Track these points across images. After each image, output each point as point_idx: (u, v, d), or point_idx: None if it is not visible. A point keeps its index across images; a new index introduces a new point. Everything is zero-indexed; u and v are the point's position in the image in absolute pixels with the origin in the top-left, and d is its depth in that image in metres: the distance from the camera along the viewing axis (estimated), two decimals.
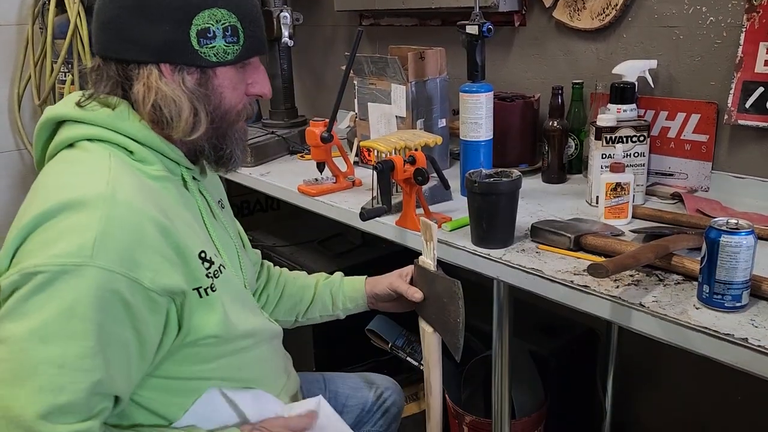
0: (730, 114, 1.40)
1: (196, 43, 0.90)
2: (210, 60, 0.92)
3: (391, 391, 1.42)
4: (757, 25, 1.34)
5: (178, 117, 0.91)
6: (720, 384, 1.60)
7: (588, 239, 1.16)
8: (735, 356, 0.86)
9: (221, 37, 0.91)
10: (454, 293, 1.10)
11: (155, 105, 0.90)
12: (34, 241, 0.81)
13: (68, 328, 0.78)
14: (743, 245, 0.90)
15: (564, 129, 1.58)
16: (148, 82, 0.90)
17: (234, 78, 0.96)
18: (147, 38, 0.89)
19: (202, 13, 0.89)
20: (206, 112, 0.94)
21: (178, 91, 0.91)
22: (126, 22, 0.89)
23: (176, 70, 0.91)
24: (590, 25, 1.63)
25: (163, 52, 0.89)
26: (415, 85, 1.64)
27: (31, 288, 0.78)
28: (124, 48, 0.90)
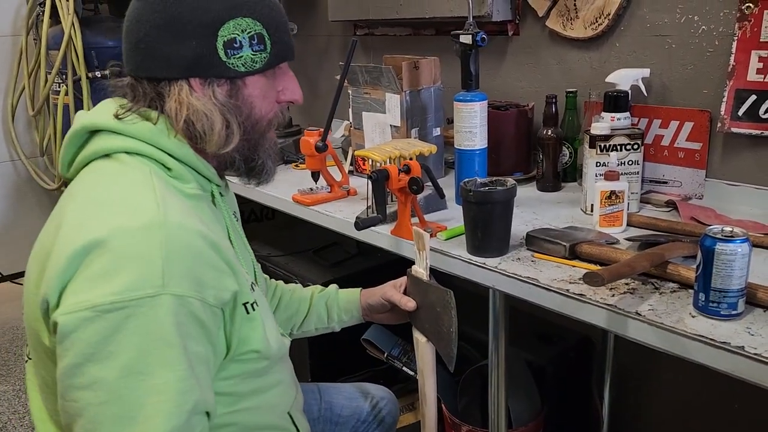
0: (723, 122, 1.40)
1: (223, 54, 0.90)
2: (238, 70, 0.91)
3: (387, 401, 1.41)
4: (748, 34, 1.35)
5: (210, 131, 0.91)
6: (717, 392, 1.59)
7: (583, 248, 1.16)
8: (731, 364, 0.86)
9: (248, 47, 0.91)
10: (447, 303, 1.10)
11: (188, 120, 0.90)
12: (92, 271, 0.77)
13: (160, 357, 0.77)
14: (738, 253, 0.90)
15: (558, 137, 1.58)
16: (179, 98, 0.90)
17: (264, 86, 0.95)
18: (176, 55, 0.89)
19: (227, 24, 0.89)
20: (238, 123, 0.93)
21: (209, 104, 0.90)
22: (155, 40, 0.89)
23: (206, 84, 0.91)
24: (583, 34, 1.64)
25: (192, 67, 0.89)
26: (409, 95, 1.65)
27: (110, 326, 0.75)
28: (155, 66, 0.90)
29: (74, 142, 0.93)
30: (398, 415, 1.45)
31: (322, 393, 1.38)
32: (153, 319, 0.76)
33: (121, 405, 0.76)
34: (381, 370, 1.99)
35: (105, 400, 0.76)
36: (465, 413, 1.72)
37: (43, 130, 3.20)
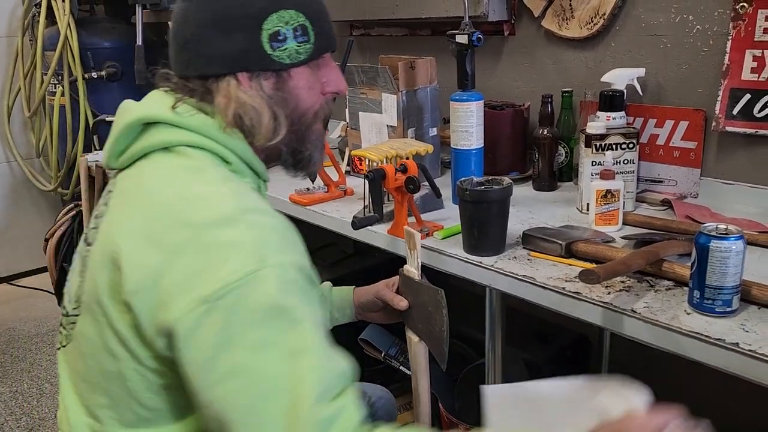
0: (718, 121, 1.41)
1: (268, 47, 0.90)
2: (284, 62, 0.91)
3: (384, 401, 1.41)
4: (743, 33, 1.36)
5: (259, 124, 0.91)
6: (712, 389, 1.60)
7: (579, 246, 1.17)
8: (726, 361, 0.86)
9: (292, 38, 0.91)
10: (438, 302, 1.10)
11: (236, 115, 0.90)
12: (192, 267, 0.77)
13: (281, 325, 0.76)
14: (733, 250, 0.91)
15: (554, 137, 1.59)
16: (227, 93, 0.90)
17: (309, 78, 0.95)
18: (222, 51, 0.89)
19: (271, 17, 0.89)
20: (285, 115, 0.93)
21: (257, 98, 0.91)
22: (202, 38, 0.90)
23: (253, 78, 0.91)
24: (579, 34, 1.64)
25: (239, 62, 0.90)
26: (405, 95, 1.65)
27: (225, 312, 0.75)
28: (203, 63, 0.90)
29: (128, 133, 0.92)
30: (395, 414, 1.45)
31: None
32: (262, 292, 0.76)
33: (266, 381, 0.75)
34: (378, 369, 2.00)
35: (249, 382, 0.75)
36: (462, 412, 1.73)
37: (39, 132, 3.20)
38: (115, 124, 0.92)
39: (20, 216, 3.47)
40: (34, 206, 3.50)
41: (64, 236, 2.45)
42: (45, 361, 2.70)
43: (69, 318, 0.93)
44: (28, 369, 2.64)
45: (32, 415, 2.33)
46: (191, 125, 0.89)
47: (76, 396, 0.94)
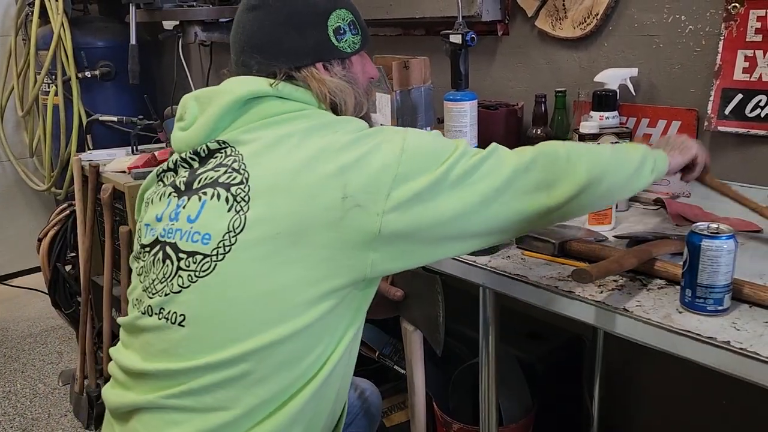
0: (710, 120, 1.42)
1: (335, 39, 1.05)
2: (346, 51, 1.06)
3: (370, 392, 1.41)
4: (734, 34, 1.36)
5: (348, 100, 1.05)
6: (705, 388, 1.61)
7: (572, 245, 1.17)
8: (717, 359, 0.87)
9: (349, 32, 1.06)
10: (434, 289, 1.12)
11: (329, 94, 1.02)
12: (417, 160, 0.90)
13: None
14: (724, 249, 0.91)
15: (547, 136, 1.59)
16: (313, 77, 1.02)
17: (361, 64, 1.10)
18: (300, 45, 1.02)
19: (332, 15, 1.05)
20: (360, 94, 1.08)
21: (338, 81, 1.04)
22: (282, 38, 1.02)
23: (327, 65, 1.05)
24: (572, 34, 1.65)
25: (315, 53, 1.03)
26: (399, 94, 1.65)
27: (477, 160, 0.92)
28: (284, 59, 1.02)
29: (234, 108, 0.98)
30: (381, 407, 1.45)
31: None
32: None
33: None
34: (372, 368, 2.00)
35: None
36: (456, 411, 1.73)
37: (33, 131, 3.19)
38: (215, 104, 0.98)
39: (13, 216, 3.45)
40: (27, 206, 3.49)
41: (57, 236, 2.44)
42: (38, 362, 2.69)
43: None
44: (21, 369, 2.64)
45: (25, 415, 2.32)
46: (299, 98, 1.00)
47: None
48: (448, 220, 0.89)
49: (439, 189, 0.89)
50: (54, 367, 2.64)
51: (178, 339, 0.93)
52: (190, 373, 0.92)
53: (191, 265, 0.93)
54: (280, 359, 0.92)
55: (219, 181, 0.95)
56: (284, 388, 0.94)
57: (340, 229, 0.88)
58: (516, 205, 0.93)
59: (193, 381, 0.92)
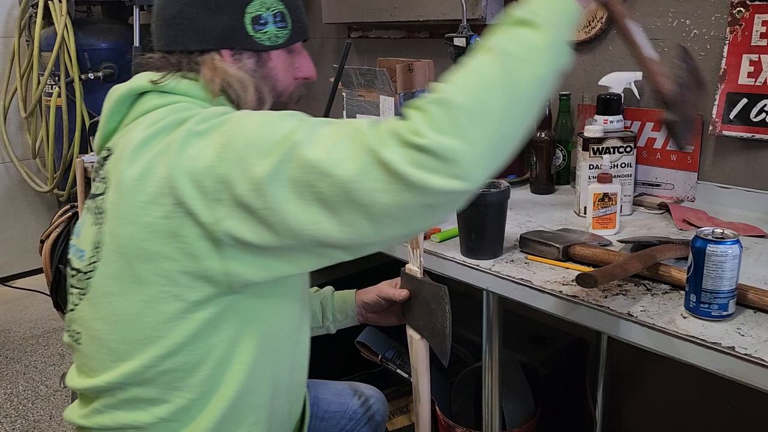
0: (715, 125, 1.41)
1: (251, 29, 0.98)
2: (264, 44, 0.99)
3: (376, 400, 1.42)
4: (739, 38, 1.36)
5: (244, 94, 0.97)
6: (709, 393, 1.60)
7: (576, 249, 1.17)
8: (722, 365, 0.86)
9: (272, 23, 0.99)
10: (441, 298, 1.11)
11: (223, 85, 0.96)
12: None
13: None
14: (729, 254, 0.91)
15: (552, 140, 1.59)
16: (213, 66, 0.96)
17: (285, 61, 1.03)
18: (209, 28, 0.96)
19: (254, 2, 0.97)
20: (267, 91, 1.00)
21: (241, 72, 0.97)
22: (189, 15, 0.96)
23: (235, 55, 0.98)
24: (576, 37, 1.65)
25: (223, 39, 0.97)
26: (403, 97, 1.65)
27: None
28: (189, 39, 0.96)
29: (119, 108, 0.96)
30: (387, 415, 1.46)
31: (309, 387, 1.37)
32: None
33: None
34: (375, 372, 1.99)
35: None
36: (459, 415, 1.72)
37: (36, 133, 3.19)
38: (106, 106, 0.96)
39: (16, 217, 3.45)
40: (29, 207, 3.49)
41: (59, 238, 2.44)
42: (40, 363, 2.69)
43: None
44: (23, 371, 2.63)
45: (27, 417, 2.32)
46: (178, 89, 0.95)
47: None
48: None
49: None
50: (56, 369, 2.64)
51: (81, 356, 0.95)
52: (96, 391, 0.93)
53: (77, 282, 0.94)
54: (166, 379, 0.89)
55: (95, 192, 0.94)
56: (184, 407, 0.91)
57: (181, 240, 0.82)
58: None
59: (97, 401, 0.93)
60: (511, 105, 0.73)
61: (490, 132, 0.71)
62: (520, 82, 0.74)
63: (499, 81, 0.72)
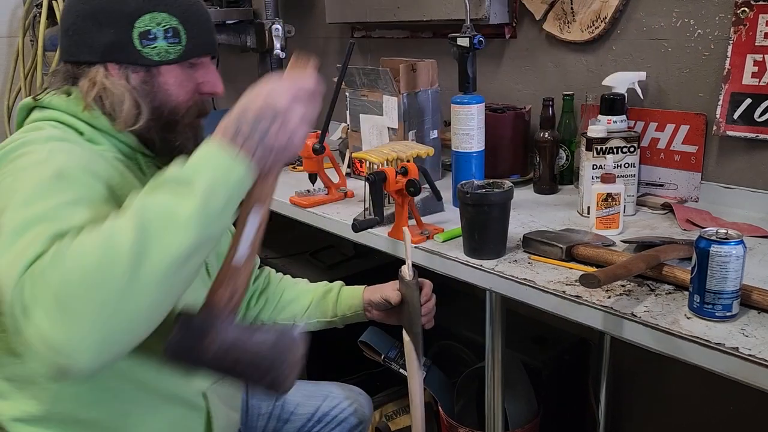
0: (719, 125, 1.41)
1: (138, 44, 0.98)
2: (152, 59, 0.99)
3: (352, 402, 1.39)
4: (743, 38, 1.36)
5: (119, 109, 0.98)
6: (712, 393, 1.60)
7: (580, 249, 1.17)
8: (726, 365, 0.86)
9: (162, 38, 0.99)
10: (411, 297, 1.12)
11: (97, 97, 0.98)
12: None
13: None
14: (733, 255, 0.91)
15: (555, 140, 1.59)
16: (93, 79, 0.98)
17: (180, 76, 1.02)
18: (95, 41, 0.98)
19: (144, 17, 0.98)
20: (149, 106, 1.01)
21: (121, 86, 0.99)
22: (79, 28, 0.99)
23: (121, 69, 0.99)
24: (580, 37, 1.64)
25: (109, 53, 0.98)
26: (406, 97, 1.65)
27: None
28: (78, 51, 1.00)
29: (21, 120, 1.04)
30: (367, 417, 1.43)
31: None
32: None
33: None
34: (377, 372, 1.99)
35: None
36: (462, 415, 1.72)
37: None
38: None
39: None
40: None
41: None
42: None
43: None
44: None
45: None
46: (50, 104, 0.99)
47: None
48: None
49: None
50: None
51: None
52: None
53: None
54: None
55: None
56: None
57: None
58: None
59: None
60: (132, 287, 0.70)
61: (100, 317, 0.68)
62: (151, 260, 0.71)
63: (126, 260, 0.69)
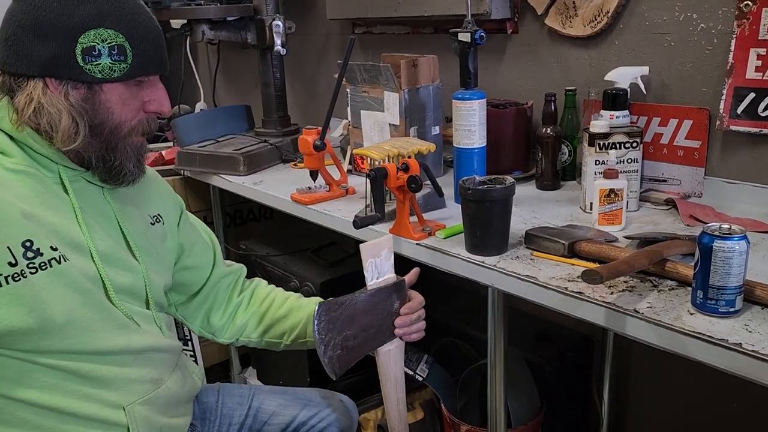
0: (722, 120, 1.40)
1: (81, 59, 0.96)
2: (95, 76, 0.97)
3: (331, 410, 1.36)
4: (747, 32, 1.35)
5: (57, 126, 0.96)
6: (716, 390, 1.59)
7: (582, 246, 1.16)
8: (729, 361, 0.86)
9: (107, 56, 0.97)
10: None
11: (33, 115, 0.96)
12: None
13: None
14: (736, 250, 0.90)
15: (557, 135, 1.58)
16: (31, 94, 0.96)
17: (124, 94, 1.00)
18: (35, 54, 0.95)
19: (88, 33, 0.95)
20: (88, 124, 0.98)
21: (60, 104, 0.96)
22: (19, 38, 0.95)
23: (61, 85, 0.96)
24: (582, 32, 1.64)
25: (49, 67, 0.95)
26: (408, 93, 1.64)
27: None
28: (17, 62, 0.96)
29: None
30: (350, 425, 1.39)
31: (253, 397, 1.35)
32: None
33: None
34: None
35: None
36: (464, 412, 1.72)
37: None
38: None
39: None
40: None
41: None
42: None
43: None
44: None
45: None
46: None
47: None
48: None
49: None
50: None
51: None
52: None
53: None
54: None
55: None
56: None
57: None
58: None
59: None
60: None
61: None
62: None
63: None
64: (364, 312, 1.16)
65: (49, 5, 0.95)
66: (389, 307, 1.19)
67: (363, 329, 1.16)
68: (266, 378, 2.28)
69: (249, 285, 1.36)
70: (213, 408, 1.32)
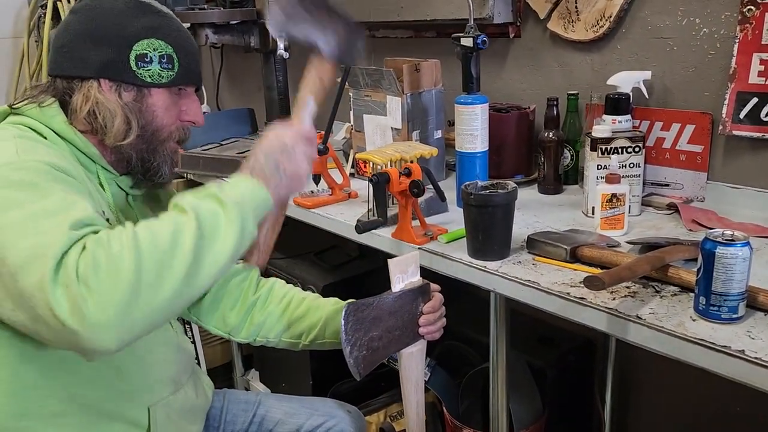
0: (725, 124, 1.40)
1: (134, 65, 1.04)
2: (145, 80, 1.05)
3: (338, 420, 1.35)
4: (750, 37, 1.35)
5: (111, 123, 1.03)
6: (718, 396, 1.59)
7: (584, 251, 1.16)
8: (732, 368, 0.86)
9: (157, 63, 1.05)
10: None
11: (90, 112, 1.03)
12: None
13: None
14: (739, 257, 0.90)
15: (559, 140, 1.58)
16: (87, 93, 1.03)
17: (167, 100, 1.08)
18: (91, 58, 1.03)
19: (142, 42, 1.04)
20: (138, 124, 1.06)
21: (114, 102, 1.04)
22: (75, 45, 1.04)
23: (114, 86, 1.04)
24: (585, 36, 1.64)
25: (104, 69, 1.03)
26: (410, 97, 1.64)
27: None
28: (71, 66, 1.04)
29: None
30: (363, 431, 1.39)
31: (259, 405, 1.35)
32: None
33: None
34: (383, 373, 1.99)
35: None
36: (466, 416, 1.72)
37: None
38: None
39: None
40: None
41: None
42: None
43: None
44: None
45: None
46: (22, 110, 1.04)
47: None
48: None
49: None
50: None
51: None
52: None
53: None
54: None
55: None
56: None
57: None
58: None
59: None
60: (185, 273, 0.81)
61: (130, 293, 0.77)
62: (203, 265, 0.83)
63: (186, 259, 0.81)
64: (390, 314, 1.15)
65: (106, 16, 1.04)
66: (414, 310, 1.18)
67: (388, 331, 1.16)
68: (269, 380, 2.28)
69: (265, 284, 1.36)
70: (217, 414, 1.33)
